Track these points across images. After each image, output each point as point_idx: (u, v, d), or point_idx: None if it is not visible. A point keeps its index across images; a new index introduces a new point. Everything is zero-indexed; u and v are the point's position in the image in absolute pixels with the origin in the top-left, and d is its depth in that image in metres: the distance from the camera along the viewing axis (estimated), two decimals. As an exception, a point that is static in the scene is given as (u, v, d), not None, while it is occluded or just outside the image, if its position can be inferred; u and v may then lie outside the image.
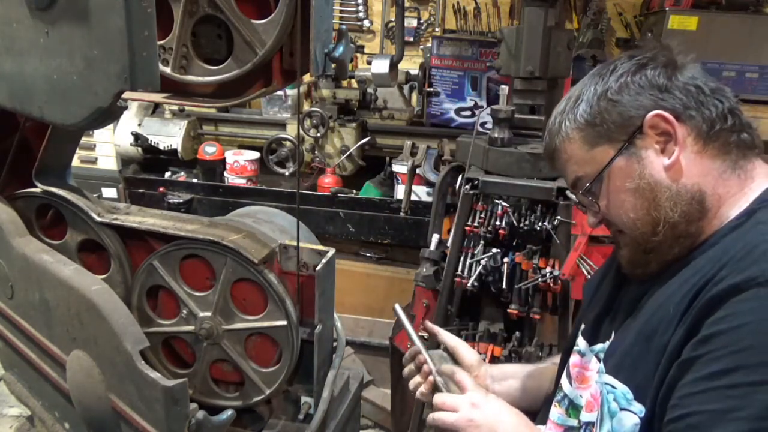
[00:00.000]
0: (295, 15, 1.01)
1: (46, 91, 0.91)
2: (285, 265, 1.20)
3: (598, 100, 0.98)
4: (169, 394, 0.94)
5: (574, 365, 1.11)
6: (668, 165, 0.94)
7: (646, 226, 0.96)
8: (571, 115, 1.01)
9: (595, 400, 1.00)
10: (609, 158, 0.97)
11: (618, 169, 0.97)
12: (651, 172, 0.95)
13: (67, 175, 1.32)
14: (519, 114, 2.28)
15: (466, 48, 3.21)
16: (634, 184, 0.96)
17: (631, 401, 0.90)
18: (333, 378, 1.25)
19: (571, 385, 1.10)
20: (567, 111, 1.03)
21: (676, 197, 0.94)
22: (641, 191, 0.96)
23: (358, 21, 3.95)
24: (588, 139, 1.00)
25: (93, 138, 3.63)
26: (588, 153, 1.00)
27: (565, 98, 1.06)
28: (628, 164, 0.96)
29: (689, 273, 0.90)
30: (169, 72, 1.08)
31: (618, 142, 0.97)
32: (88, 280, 1.07)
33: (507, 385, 1.32)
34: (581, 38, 3.49)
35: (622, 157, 0.97)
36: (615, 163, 0.97)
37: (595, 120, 0.98)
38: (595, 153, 0.99)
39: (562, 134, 1.03)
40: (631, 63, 0.98)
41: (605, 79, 0.99)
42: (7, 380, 1.36)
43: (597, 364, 1.04)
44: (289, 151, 3.28)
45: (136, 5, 0.78)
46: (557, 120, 1.04)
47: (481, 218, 2.16)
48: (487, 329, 2.20)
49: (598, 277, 1.23)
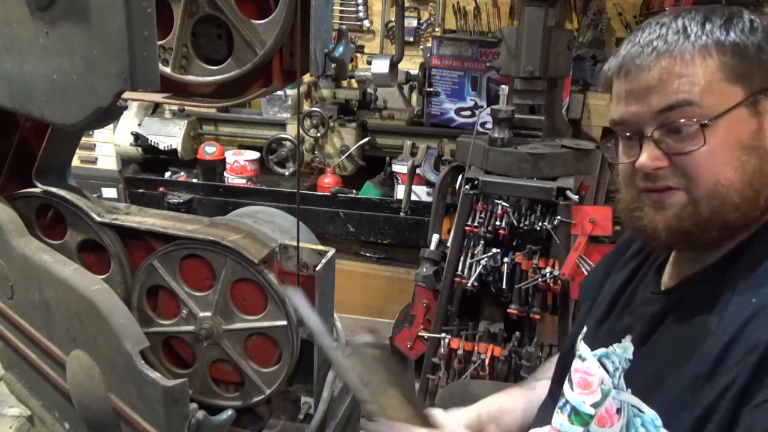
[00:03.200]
0: (295, 15, 1.01)
1: (46, 91, 0.91)
2: (285, 265, 1.20)
3: (763, 38, 0.81)
4: (169, 394, 0.94)
5: (576, 370, 1.06)
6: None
7: (735, 195, 0.82)
8: (722, 31, 0.82)
9: (610, 417, 0.95)
10: (735, 101, 0.81)
11: (738, 119, 0.82)
12: (765, 139, 0.82)
13: (67, 175, 1.32)
14: (519, 114, 2.28)
15: (466, 48, 3.21)
16: (745, 144, 0.82)
17: (660, 428, 0.85)
18: (333, 378, 1.25)
19: (573, 390, 1.06)
20: (714, 22, 0.83)
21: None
22: (748, 155, 0.82)
23: (358, 21, 3.95)
24: (726, 69, 0.82)
25: (93, 138, 3.63)
26: (717, 83, 0.82)
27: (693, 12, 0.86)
28: (747, 120, 0.82)
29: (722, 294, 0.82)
30: (169, 72, 1.08)
31: (755, 89, 0.82)
32: (88, 280, 1.07)
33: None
34: (581, 38, 3.49)
35: (746, 107, 0.82)
36: (737, 110, 0.82)
37: (749, 51, 0.81)
38: (724, 87, 0.82)
39: (695, 43, 0.82)
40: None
41: (759, 18, 0.83)
42: (7, 380, 1.36)
43: (600, 369, 1.00)
44: (289, 151, 3.28)
45: (136, 5, 0.78)
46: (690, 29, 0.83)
47: (481, 218, 2.16)
48: (487, 329, 2.20)
49: (598, 277, 1.16)
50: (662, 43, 0.83)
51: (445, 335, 2.20)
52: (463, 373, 2.15)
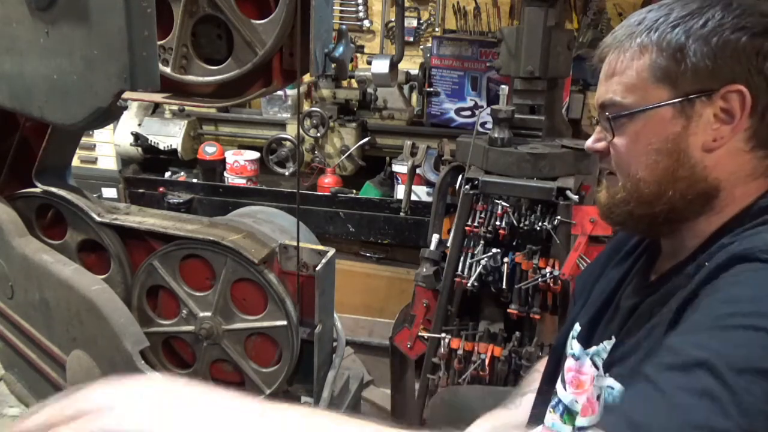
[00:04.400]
0: (295, 15, 1.01)
1: (46, 91, 0.91)
2: (285, 265, 1.20)
3: (699, 38, 0.82)
4: (169, 394, 0.94)
5: (569, 369, 1.06)
6: (709, 146, 0.84)
7: (647, 191, 0.88)
8: (659, 33, 0.85)
9: (591, 405, 0.97)
10: (660, 101, 0.85)
11: (658, 119, 0.86)
12: (688, 142, 0.85)
13: (67, 175, 1.32)
14: (519, 114, 2.28)
15: (466, 48, 3.21)
16: (662, 144, 0.86)
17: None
18: (333, 378, 1.25)
19: (566, 390, 1.06)
20: (659, 24, 0.86)
21: (693, 182, 0.85)
22: (665, 155, 0.86)
23: (358, 21, 3.95)
24: (655, 69, 0.85)
25: (93, 138, 3.63)
26: (643, 82, 0.86)
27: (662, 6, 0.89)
28: (671, 120, 0.85)
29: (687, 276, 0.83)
30: (169, 72, 1.08)
31: (679, 92, 0.84)
32: (88, 280, 1.07)
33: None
34: (581, 38, 3.48)
35: (672, 108, 0.85)
36: (659, 110, 0.85)
37: (679, 54, 0.83)
38: (650, 87, 0.86)
39: (636, 40, 0.87)
40: (757, 19, 0.82)
41: (721, 17, 0.83)
42: (7, 380, 1.36)
43: (592, 367, 1.00)
44: (289, 151, 3.28)
45: (136, 5, 0.78)
46: (643, 25, 0.88)
47: (481, 218, 2.16)
48: (487, 329, 2.20)
49: (594, 274, 1.17)
50: (619, 34, 0.91)
51: (445, 335, 2.20)
52: (463, 373, 2.15)
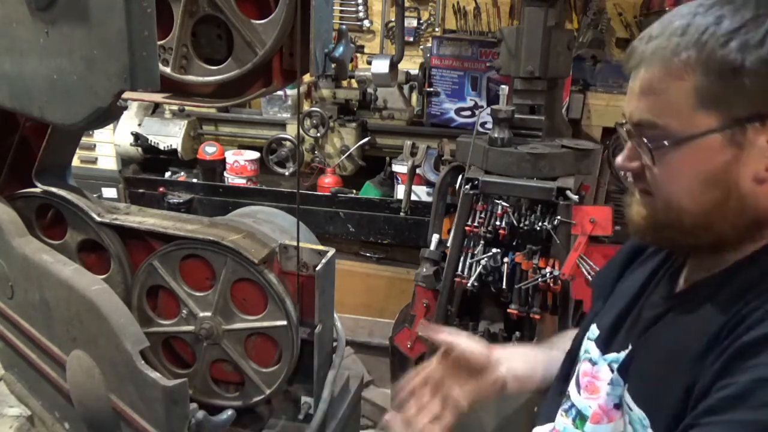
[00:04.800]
0: (295, 15, 1.01)
1: (46, 91, 0.91)
2: (285, 265, 1.20)
3: (757, 59, 0.71)
4: (169, 394, 0.94)
5: (585, 374, 1.04)
6: (762, 177, 0.75)
7: (691, 222, 0.81)
8: (708, 50, 0.74)
9: (604, 412, 0.95)
10: (707, 128, 0.75)
11: (704, 147, 0.76)
12: (738, 173, 0.76)
13: (67, 175, 1.32)
14: (519, 114, 2.28)
15: (466, 48, 3.21)
16: (709, 175, 0.77)
17: (647, 428, 0.84)
18: (333, 378, 1.25)
19: (579, 394, 1.04)
20: (707, 36, 0.74)
21: (743, 212, 0.78)
22: (712, 187, 0.77)
23: (358, 21, 3.95)
24: (702, 93, 0.75)
25: (93, 138, 3.63)
26: (688, 107, 0.76)
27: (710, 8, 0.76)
28: (720, 149, 0.75)
29: (722, 300, 0.79)
30: (169, 72, 1.08)
31: (729, 118, 0.74)
32: (88, 280, 1.07)
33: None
34: (581, 38, 3.49)
35: (720, 136, 0.75)
36: (706, 139, 0.75)
37: (731, 76, 0.73)
38: (696, 113, 0.76)
39: (680, 56, 0.75)
40: None
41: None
42: (7, 380, 1.36)
43: (609, 373, 0.98)
44: (289, 151, 3.28)
45: (136, 5, 0.78)
46: (688, 35, 0.75)
47: (481, 218, 2.16)
48: (487, 329, 2.20)
49: (614, 275, 1.12)
50: (659, 43, 0.79)
51: (445, 335, 2.19)
52: (463, 373, 2.15)
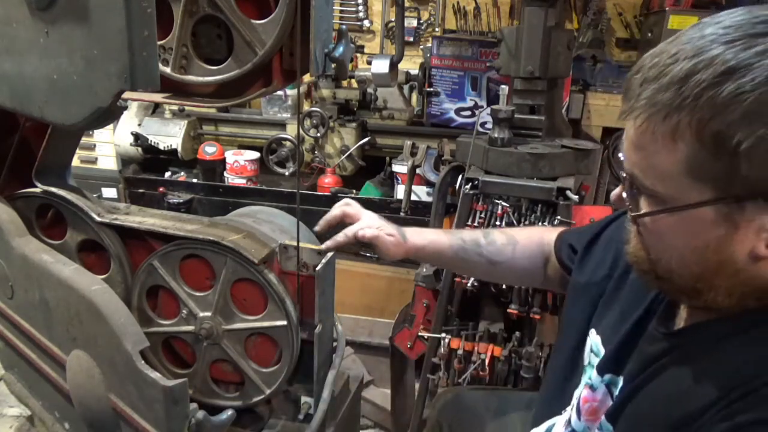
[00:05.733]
0: (295, 15, 1.01)
1: (46, 91, 0.91)
2: (285, 265, 1.20)
3: (759, 139, 0.60)
4: (169, 394, 0.94)
5: (585, 400, 1.00)
6: (760, 254, 0.68)
7: (680, 284, 0.76)
8: (701, 116, 0.63)
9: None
10: (699, 200, 0.67)
11: (695, 218, 0.69)
12: (734, 248, 0.68)
13: (67, 175, 1.32)
14: (519, 114, 2.28)
15: (466, 48, 3.21)
16: (701, 245, 0.70)
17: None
18: (333, 378, 1.25)
19: (580, 420, 1.01)
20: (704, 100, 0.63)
21: (740, 285, 0.71)
22: (702, 257, 0.71)
23: (358, 21, 3.95)
24: (694, 164, 0.66)
25: (93, 138, 3.63)
26: (677, 173, 0.68)
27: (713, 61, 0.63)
28: (713, 223, 0.68)
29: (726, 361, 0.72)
30: (169, 72, 1.08)
31: (724, 194, 0.66)
32: (88, 280, 1.07)
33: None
34: (581, 38, 3.49)
35: (713, 210, 0.67)
36: (698, 210, 0.68)
37: (726, 153, 0.63)
38: (686, 183, 0.68)
39: (670, 123, 0.66)
40: None
41: None
42: (7, 380, 1.36)
43: (607, 396, 0.96)
44: (289, 151, 3.28)
45: (136, 5, 0.78)
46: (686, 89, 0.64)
47: (481, 218, 2.16)
48: (487, 329, 2.20)
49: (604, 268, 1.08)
50: (649, 94, 0.68)
51: (445, 335, 2.20)
52: (464, 373, 2.15)
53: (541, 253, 1.36)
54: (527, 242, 1.37)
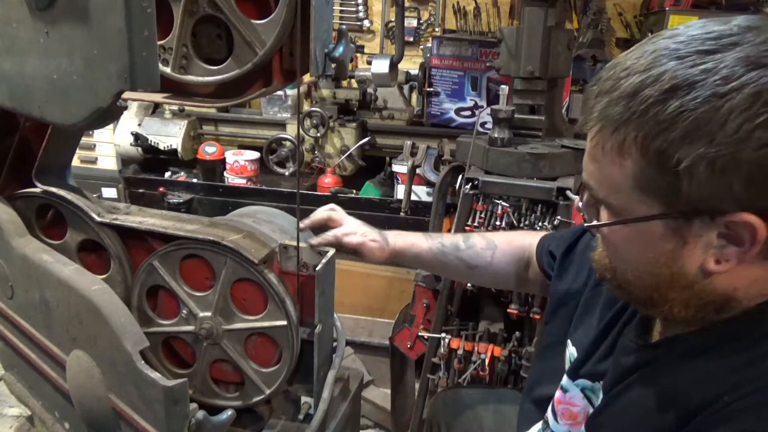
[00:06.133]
0: (295, 15, 1.01)
1: (46, 91, 0.91)
2: (285, 265, 1.20)
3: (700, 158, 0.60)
4: (169, 394, 0.94)
5: (559, 402, 1.01)
6: (709, 269, 0.68)
7: (637, 294, 0.77)
8: (646, 132, 0.63)
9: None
10: (647, 214, 0.68)
11: (647, 231, 0.69)
12: (684, 262, 0.69)
13: (67, 175, 1.32)
14: (519, 114, 2.28)
15: (466, 48, 3.21)
16: (653, 257, 0.71)
17: None
18: (333, 378, 1.25)
19: (558, 422, 1.02)
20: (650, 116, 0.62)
21: (694, 297, 0.71)
22: (656, 268, 0.71)
23: (358, 21, 3.95)
24: (641, 178, 0.66)
25: (93, 138, 3.63)
26: (626, 187, 0.68)
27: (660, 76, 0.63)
28: (663, 237, 0.68)
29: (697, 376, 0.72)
30: (169, 72, 1.08)
31: (671, 209, 0.66)
32: (88, 280, 1.07)
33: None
34: (581, 38, 3.50)
35: (663, 225, 0.68)
36: (649, 223, 0.69)
37: (670, 170, 0.63)
38: (635, 197, 0.68)
39: (617, 139, 0.66)
40: None
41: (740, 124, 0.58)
42: (7, 380, 1.36)
43: (584, 400, 0.96)
44: (289, 151, 3.28)
45: (136, 5, 0.78)
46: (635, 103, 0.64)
47: (481, 218, 2.16)
48: (487, 329, 2.20)
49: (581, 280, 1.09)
50: (602, 107, 0.68)
51: (445, 335, 2.20)
52: (463, 373, 2.15)
53: (521, 258, 1.37)
54: (507, 247, 1.38)
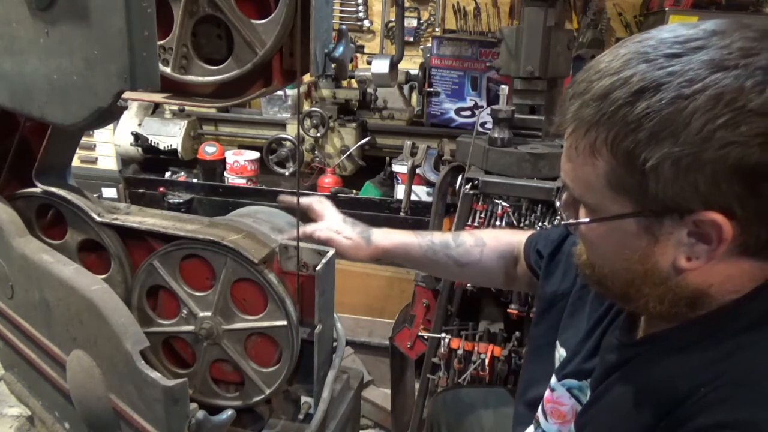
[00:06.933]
0: (295, 15, 1.01)
1: (46, 91, 0.91)
2: (285, 265, 1.20)
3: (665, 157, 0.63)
4: (169, 394, 0.94)
5: (548, 401, 1.03)
6: (681, 267, 0.71)
7: (614, 289, 0.79)
8: (615, 133, 0.65)
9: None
10: (620, 211, 0.70)
11: (620, 229, 0.72)
12: (657, 259, 0.71)
13: (67, 175, 1.32)
14: (519, 114, 2.28)
15: (466, 48, 3.21)
16: (627, 253, 0.73)
17: None
18: (333, 378, 1.25)
19: (547, 421, 1.04)
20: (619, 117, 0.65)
21: (667, 293, 0.74)
22: (630, 266, 0.74)
23: (358, 21, 3.95)
24: (612, 178, 0.69)
25: (93, 138, 3.63)
26: (599, 186, 0.70)
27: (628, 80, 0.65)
28: (636, 234, 0.71)
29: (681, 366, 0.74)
30: (169, 72, 1.08)
31: (642, 208, 0.69)
32: (88, 280, 1.07)
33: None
34: (581, 38, 3.49)
35: (635, 222, 0.70)
36: (622, 221, 0.71)
37: (638, 169, 0.65)
38: (608, 195, 0.70)
39: (588, 140, 0.69)
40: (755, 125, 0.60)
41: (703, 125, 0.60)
42: (7, 380, 1.36)
43: (572, 399, 0.98)
44: (289, 151, 3.28)
45: (136, 5, 0.78)
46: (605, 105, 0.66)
47: (481, 218, 2.16)
48: (487, 329, 2.20)
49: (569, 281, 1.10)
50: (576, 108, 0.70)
51: (445, 335, 2.20)
52: (463, 373, 2.15)
53: (510, 254, 1.37)
54: (495, 244, 1.38)
